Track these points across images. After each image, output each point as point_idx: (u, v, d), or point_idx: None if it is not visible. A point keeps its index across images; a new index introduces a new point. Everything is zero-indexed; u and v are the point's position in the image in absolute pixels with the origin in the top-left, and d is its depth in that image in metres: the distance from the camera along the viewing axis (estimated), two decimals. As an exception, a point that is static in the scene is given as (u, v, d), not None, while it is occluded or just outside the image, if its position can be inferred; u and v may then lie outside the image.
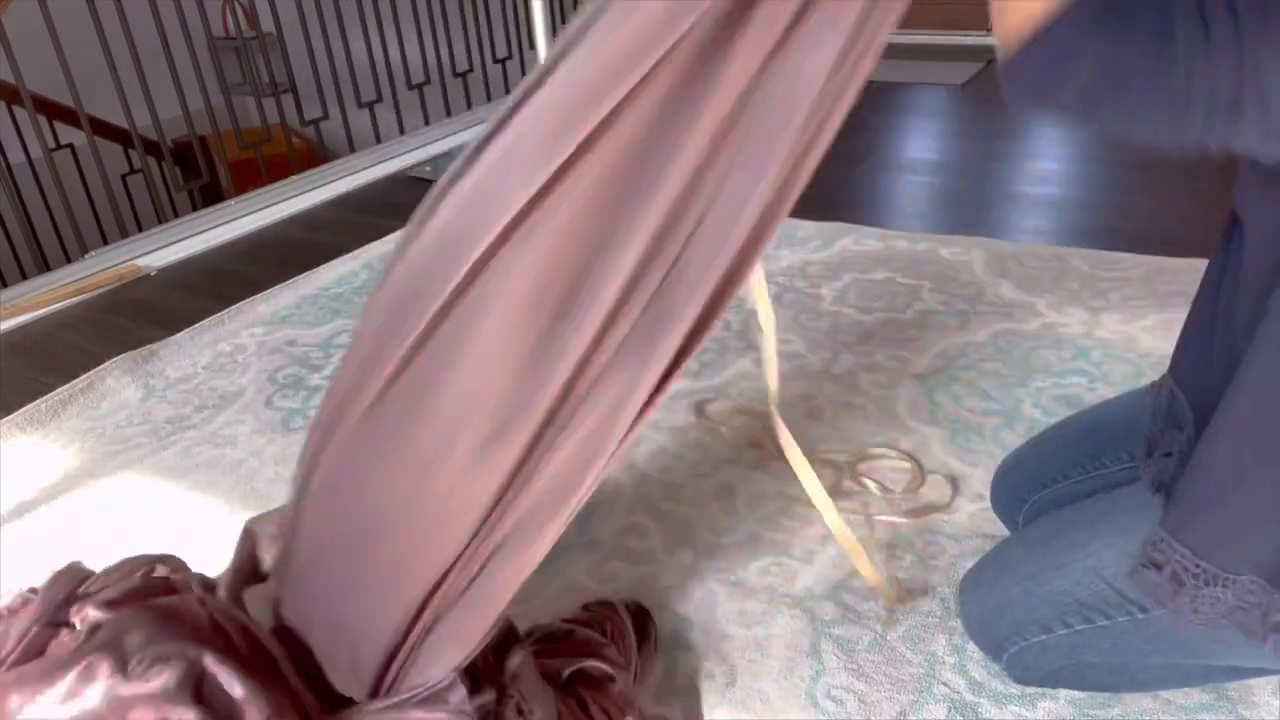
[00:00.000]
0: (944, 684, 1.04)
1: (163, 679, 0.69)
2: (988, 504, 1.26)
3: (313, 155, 3.29)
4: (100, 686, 0.68)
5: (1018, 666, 0.99)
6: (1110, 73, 0.62)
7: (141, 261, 2.38)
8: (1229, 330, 0.82)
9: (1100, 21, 0.62)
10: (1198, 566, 0.80)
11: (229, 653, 0.74)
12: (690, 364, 1.78)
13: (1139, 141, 0.65)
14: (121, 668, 0.69)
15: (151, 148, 2.77)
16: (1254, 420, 0.76)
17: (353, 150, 3.06)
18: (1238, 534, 0.79)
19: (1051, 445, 1.15)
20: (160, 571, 1.06)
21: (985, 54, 3.73)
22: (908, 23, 0.77)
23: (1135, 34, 0.61)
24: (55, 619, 0.92)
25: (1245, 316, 0.79)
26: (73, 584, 0.98)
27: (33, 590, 1.05)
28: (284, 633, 0.82)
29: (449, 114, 3.42)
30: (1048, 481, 1.11)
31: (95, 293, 2.24)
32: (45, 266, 2.52)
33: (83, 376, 1.80)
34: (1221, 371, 0.80)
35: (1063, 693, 1.01)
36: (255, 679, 0.73)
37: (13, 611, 1.01)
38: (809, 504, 1.33)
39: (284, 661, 0.78)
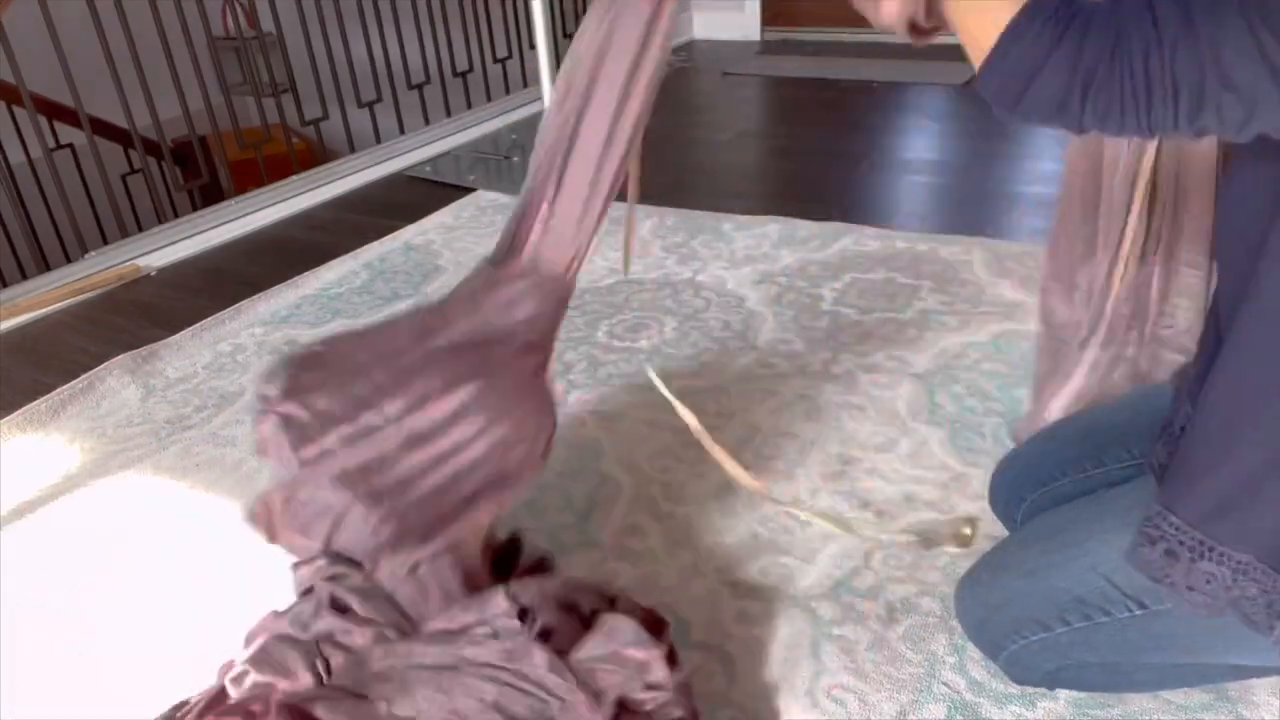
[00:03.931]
0: (944, 684, 1.04)
1: None
2: (987, 504, 1.26)
3: (313, 155, 3.29)
4: None
5: (1016, 666, 0.99)
6: (1071, 77, 0.65)
7: (141, 261, 2.38)
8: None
9: (1054, 29, 0.66)
10: (1191, 538, 0.80)
11: None
12: (690, 364, 1.78)
13: (1120, 136, 0.67)
14: None
15: (151, 148, 2.77)
16: (1241, 385, 0.77)
17: (353, 150, 3.06)
18: (1232, 505, 0.79)
19: (1052, 443, 1.15)
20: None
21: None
22: (908, 23, 0.78)
23: (1090, 36, 0.64)
24: None
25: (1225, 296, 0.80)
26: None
27: None
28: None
29: (449, 114, 3.42)
30: (1047, 479, 1.11)
31: (95, 293, 2.24)
32: (45, 266, 2.52)
33: (83, 376, 1.80)
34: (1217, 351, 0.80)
35: (1062, 693, 1.01)
36: None
37: None
38: (808, 504, 1.33)
39: None
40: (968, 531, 1.14)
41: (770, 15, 4.45)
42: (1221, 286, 0.83)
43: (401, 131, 3.23)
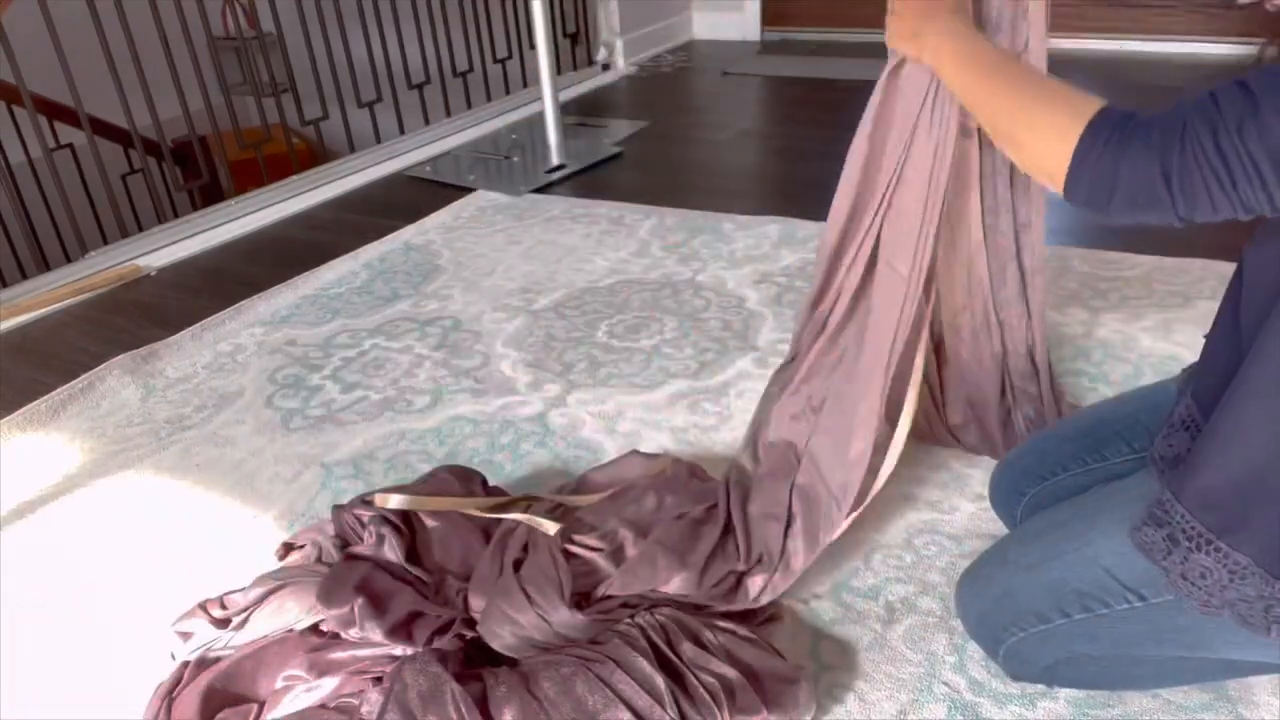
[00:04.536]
0: (944, 683, 1.04)
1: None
2: (988, 504, 1.26)
3: (313, 155, 3.29)
4: None
5: (1015, 660, 0.99)
6: (1150, 170, 0.70)
7: (141, 261, 2.38)
8: (1238, 335, 0.83)
9: (1121, 133, 0.71)
10: (1193, 528, 0.81)
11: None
12: (689, 363, 1.77)
13: (1218, 219, 0.70)
14: None
15: (151, 148, 2.77)
16: (1258, 391, 0.77)
17: (353, 150, 3.06)
18: (1236, 503, 0.79)
19: (1052, 440, 1.15)
20: None
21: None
22: (908, 22, 0.78)
23: (1155, 130, 0.69)
24: None
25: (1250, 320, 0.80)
26: None
27: None
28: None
29: (449, 114, 3.42)
30: (1047, 474, 1.11)
31: (95, 293, 2.24)
32: (45, 266, 2.51)
33: (83, 376, 1.80)
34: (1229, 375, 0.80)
35: (1063, 693, 1.01)
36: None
37: None
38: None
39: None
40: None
41: (770, 15, 4.45)
42: (1249, 294, 0.83)
43: (401, 131, 3.23)
